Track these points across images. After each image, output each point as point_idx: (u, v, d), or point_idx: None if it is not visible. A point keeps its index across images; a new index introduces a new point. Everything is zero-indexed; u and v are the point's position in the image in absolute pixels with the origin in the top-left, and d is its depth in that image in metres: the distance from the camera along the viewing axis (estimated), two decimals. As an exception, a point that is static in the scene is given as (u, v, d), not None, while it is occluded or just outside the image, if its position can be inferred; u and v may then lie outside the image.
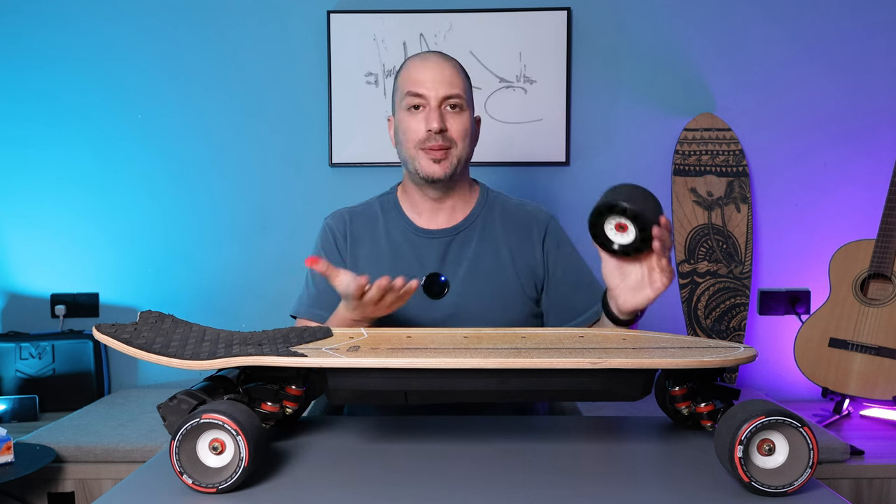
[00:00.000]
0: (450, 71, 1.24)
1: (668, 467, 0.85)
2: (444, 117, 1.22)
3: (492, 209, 1.32)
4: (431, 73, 1.23)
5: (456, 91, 1.22)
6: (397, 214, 1.31)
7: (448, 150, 1.23)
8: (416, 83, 1.23)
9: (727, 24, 2.23)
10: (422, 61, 1.25)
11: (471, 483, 0.77)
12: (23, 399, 2.06)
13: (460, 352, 0.84)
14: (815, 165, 2.25)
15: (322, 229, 1.34)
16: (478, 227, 1.30)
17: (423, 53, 1.28)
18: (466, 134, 1.25)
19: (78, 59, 2.27)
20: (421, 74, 1.23)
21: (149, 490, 0.77)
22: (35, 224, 2.30)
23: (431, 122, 1.21)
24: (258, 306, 2.28)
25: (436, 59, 1.25)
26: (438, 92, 1.22)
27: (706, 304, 2.19)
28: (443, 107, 1.22)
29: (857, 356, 2.00)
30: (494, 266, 1.27)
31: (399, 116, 1.26)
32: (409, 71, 1.25)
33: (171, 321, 0.92)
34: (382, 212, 1.32)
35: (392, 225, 1.31)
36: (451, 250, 1.28)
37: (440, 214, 1.30)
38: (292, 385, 0.88)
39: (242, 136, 2.29)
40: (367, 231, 1.31)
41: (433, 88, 1.22)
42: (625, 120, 2.26)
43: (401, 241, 1.29)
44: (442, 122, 1.21)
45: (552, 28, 2.22)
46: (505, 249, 1.28)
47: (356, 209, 1.35)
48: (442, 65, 1.24)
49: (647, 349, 0.86)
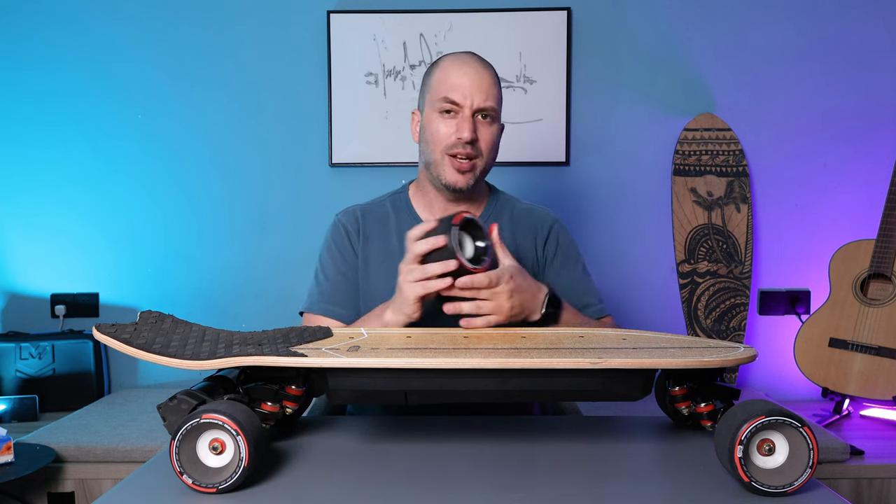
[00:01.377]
0: (488, 81, 1.22)
1: (668, 467, 0.85)
2: (476, 127, 1.21)
3: (501, 212, 1.32)
4: (469, 80, 1.20)
5: (491, 103, 1.21)
6: (409, 213, 1.31)
7: (474, 161, 1.22)
8: (452, 89, 1.21)
9: (727, 24, 2.23)
10: (461, 65, 1.22)
11: (471, 483, 0.77)
12: (23, 399, 2.06)
13: (460, 352, 0.84)
14: (815, 165, 2.25)
15: (333, 225, 1.33)
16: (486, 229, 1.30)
17: (462, 56, 1.25)
18: (494, 145, 1.25)
19: (78, 59, 2.27)
20: (459, 80, 1.21)
21: (149, 490, 0.77)
22: (35, 224, 2.30)
23: (463, 130, 1.20)
24: (258, 306, 2.28)
25: (474, 66, 1.22)
26: (475, 101, 1.20)
27: (706, 304, 2.19)
28: (476, 116, 1.21)
29: (857, 356, 2.00)
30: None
31: (429, 116, 1.24)
32: (447, 73, 1.22)
33: (171, 321, 0.92)
34: (394, 210, 1.32)
35: (404, 224, 1.30)
36: None
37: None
38: (292, 385, 0.88)
39: (242, 137, 2.29)
40: (379, 229, 1.30)
41: (470, 97, 1.20)
42: (625, 120, 2.26)
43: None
44: (473, 133, 1.20)
45: (552, 28, 2.22)
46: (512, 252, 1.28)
47: (367, 207, 1.34)
48: (481, 73, 1.21)
49: (647, 349, 0.86)
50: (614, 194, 2.26)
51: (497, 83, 1.24)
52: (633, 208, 2.26)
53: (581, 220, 2.24)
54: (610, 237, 2.25)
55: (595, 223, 2.25)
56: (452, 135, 1.21)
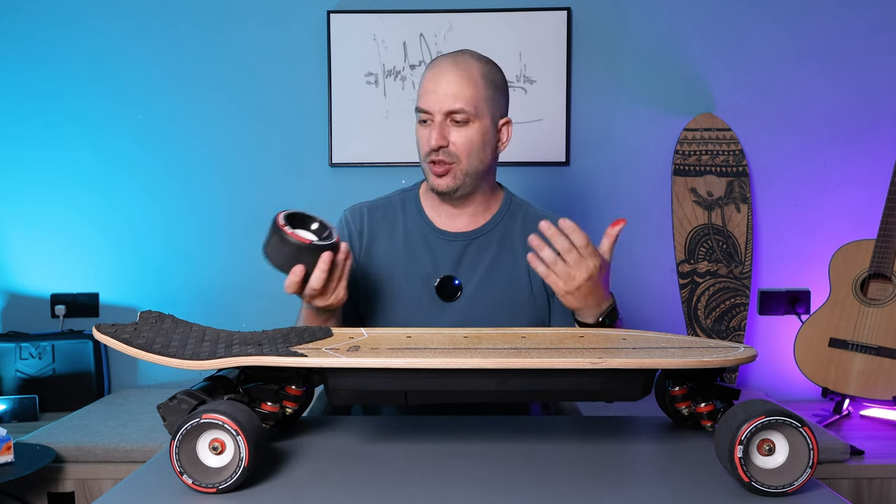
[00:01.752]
0: (459, 82, 1.19)
1: (668, 467, 0.85)
2: (447, 132, 1.20)
3: (513, 217, 1.31)
4: (436, 86, 1.20)
5: (460, 105, 1.18)
6: (417, 213, 1.31)
7: (450, 166, 1.21)
8: (422, 97, 1.22)
9: (727, 24, 2.23)
10: (432, 72, 1.22)
11: (470, 483, 0.77)
12: (23, 399, 2.06)
13: (460, 352, 0.84)
14: (815, 165, 2.25)
15: (339, 221, 1.33)
16: (497, 233, 1.29)
17: (438, 60, 1.23)
18: (472, 147, 1.21)
19: (78, 59, 2.27)
20: (428, 86, 1.21)
21: (149, 490, 0.77)
22: (35, 224, 2.30)
23: (431, 138, 1.20)
24: (258, 306, 2.28)
25: (446, 70, 1.20)
26: (442, 107, 1.19)
27: (706, 304, 2.19)
28: (447, 120, 1.20)
29: (857, 356, 2.00)
30: (509, 275, 1.26)
31: (416, 125, 1.26)
32: (423, 81, 1.23)
33: (171, 321, 0.92)
34: (403, 208, 1.32)
35: (411, 223, 1.30)
36: (468, 254, 1.27)
37: (460, 218, 1.29)
38: (292, 385, 0.88)
39: (242, 137, 2.29)
40: (386, 226, 1.30)
41: (437, 103, 1.19)
42: (625, 120, 2.26)
43: (418, 241, 1.28)
44: (442, 139, 1.19)
45: (552, 28, 2.22)
46: (522, 259, 1.27)
47: (376, 203, 1.34)
48: (450, 76, 1.19)
49: (647, 349, 0.86)
50: (614, 194, 2.26)
51: (475, 80, 1.20)
52: (633, 208, 2.26)
53: (581, 220, 2.22)
54: (610, 237, 2.25)
55: (595, 223, 2.24)
56: (425, 142, 1.21)
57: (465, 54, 1.23)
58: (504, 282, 1.26)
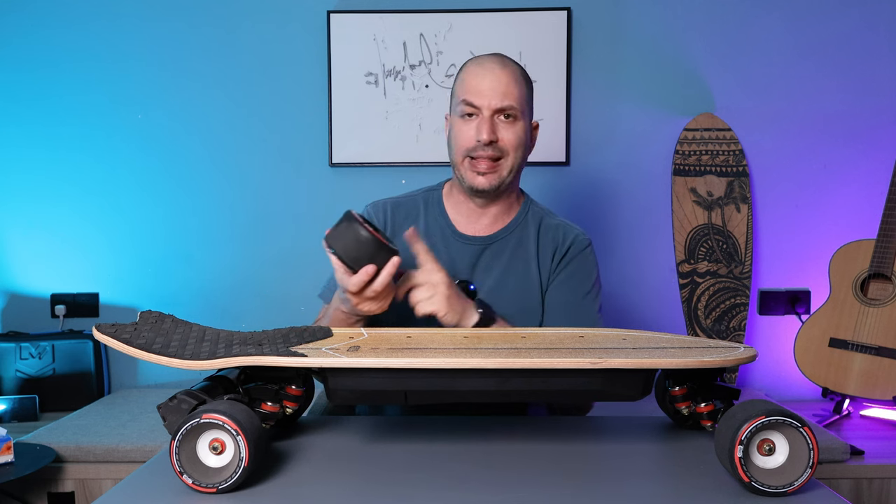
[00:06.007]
0: (507, 80, 1.22)
1: (668, 467, 0.85)
2: (496, 127, 1.21)
3: (530, 224, 1.31)
4: (488, 82, 1.21)
5: (509, 102, 1.21)
6: (439, 213, 1.31)
7: (497, 162, 1.22)
8: (470, 92, 1.22)
9: (727, 25, 2.23)
10: (479, 68, 1.23)
11: (470, 483, 0.77)
12: (23, 399, 2.06)
13: (460, 352, 0.84)
14: (815, 165, 2.25)
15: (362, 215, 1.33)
16: (513, 239, 1.29)
17: (482, 58, 1.26)
18: (520, 144, 1.24)
19: (78, 59, 2.27)
20: (477, 83, 1.22)
21: (149, 490, 0.77)
22: (35, 224, 2.30)
23: (482, 132, 1.20)
24: (258, 306, 2.28)
25: (492, 67, 1.23)
26: (492, 103, 1.20)
27: (706, 304, 2.19)
28: (496, 117, 1.22)
29: (857, 356, 2.00)
30: (522, 282, 1.27)
31: (453, 120, 1.26)
32: (467, 77, 1.24)
33: (171, 321, 0.92)
34: (425, 207, 1.32)
35: (432, 222, 1.30)
36: (483, 259, 1.28)
37: (481, 220, 1.29)
38: (292, 385, 0.88)
39: (242, 137, 2.28)
40: (407, 224, 1.29)
41: (487, 98, 1.20)
42: (625, 120, 2.26)
43: (437, 241, 1.28)
44: (493, 133, 1.20)
45: (552, 28, 2.22)
46: (534, 266, 1.27)
47: (399, 200, 1.35)
48: (499, 73, 1.22)
49: (647, 349, 0.86)
50: (614, 194, 2.26)
51: (519, 81, 1.24)
52: (633, 208, 2.26)
53: (581, 220, 2.22)
54: (610, 237, 2.25)
55: (595, 223, 2.25)
56: (472, 137, 1.22)
57: (503, 56, 1.26)
58: (515, 288, 1.26)
